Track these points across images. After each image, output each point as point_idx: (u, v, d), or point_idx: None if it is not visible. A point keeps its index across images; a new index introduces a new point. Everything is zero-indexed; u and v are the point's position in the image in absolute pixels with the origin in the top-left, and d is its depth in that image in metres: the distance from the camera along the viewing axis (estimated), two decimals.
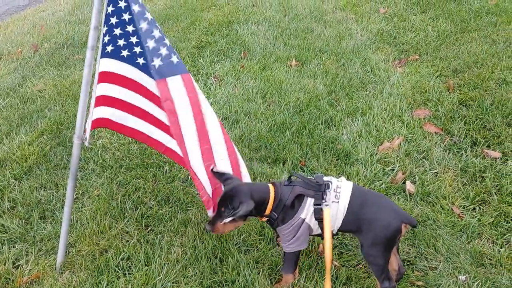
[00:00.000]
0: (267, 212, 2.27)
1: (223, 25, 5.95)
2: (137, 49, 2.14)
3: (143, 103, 2.29)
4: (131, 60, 2.18)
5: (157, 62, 2.08)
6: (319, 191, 2.21)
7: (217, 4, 6.82)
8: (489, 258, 2.63)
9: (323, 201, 2.20)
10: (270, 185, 2.30)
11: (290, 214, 2.26)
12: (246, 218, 2.32)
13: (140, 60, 2.16)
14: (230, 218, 2.16)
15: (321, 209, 2.19)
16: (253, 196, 2.20)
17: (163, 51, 2.08)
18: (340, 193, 2.21)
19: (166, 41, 2.11)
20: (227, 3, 6.84)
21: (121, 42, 2.15)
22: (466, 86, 4.23)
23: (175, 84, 2.12)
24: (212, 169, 2.32)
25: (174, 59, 2.12)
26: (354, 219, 2.21)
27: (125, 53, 2.17)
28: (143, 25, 2.06)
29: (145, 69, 2.18)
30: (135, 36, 2.09)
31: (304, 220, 2.25)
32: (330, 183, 2.23)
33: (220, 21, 6.06)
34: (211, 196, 2.33)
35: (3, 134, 3.87)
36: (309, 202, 2.24)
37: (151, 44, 2.06)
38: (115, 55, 2.19)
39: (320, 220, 2.23)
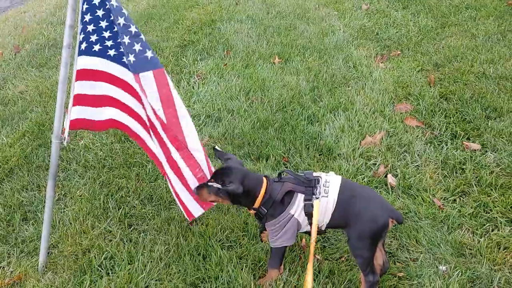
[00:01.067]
0: (256, 205, 2.29)
1: (206, 24, 5.95)
2: (109, 43, 2.17)
3: (119, 94, 2.33)
4: (102, 53, 2.21)
5: (131, 58, 2.08)
6: (309, 186, 2.24)
7: (200, 3, 6.81)
8: (469, 248, 2.67)
9: (314, 196, 2.21)
10: (264, 179, 2.32)
11: (279, 210, 2.28)
12: (234, 201, 2.33)
13: (111, 52, 2.18)
14: (216, 188, 2.23)
15: (312, 205, 2.21)
16: (244, 182, 2.23)
17: (137, 47, 2.08)
18: (329, 187, 2.23)
19: (142, 36, 2.12)
20: (210, 1, 6.83)
21: (93, 38, 2.17)
22: (446, 80, 4.29)
23: (147, 79, 2.12)
24: (214, 147, 2.47)
25: (149, 54, 2.12)
26: (343, 213, 2.22)
27: (96, 47, 2.22)
28: (121, 21, 2.07)
29: (117, 60, 2.21)
30: (108, 31, 2.11)
31: (293, 215, 2.27)
32: (319, 178, 2.26)
33: (203, 20, 6.06)
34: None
35: None
36: (300, 198, 2.26)
37: (126, 40, 2.06)
38: (88, 51, 2.21)
39: (309, 215, 2.24)
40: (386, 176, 3.22)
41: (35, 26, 6.44)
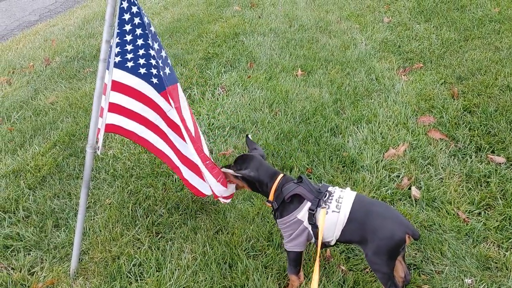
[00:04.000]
0: (270, 197, 2.40)
1: (229, 37, 6.06)
2: (142, 61, 2.27)
3: (145, 111, 2.46)
4: (134, 70, 2.33)
5: (167, 70, 2.20)
6: (317, 197, 2.28)
7: (223, 17, 6.94)
8: (495, 262, 2.67)
9: (319, 207, 2.26)
10: (280, 175, 2.44)
11: (287, 209, 2.35)
12: (252, 188, 2.51)
13: (142, 70, 2.30)
14: (234, 173, 2.46)
15: (314, 215, 2.26)
16: (258, 171, 2.44)
17: (159, 62, 2.22)
18: (342, 203, 2.26)
19: (163, 52, 2.27)
20: (233, 15, 6.96)
21: (129, 56, 2.28)
22: (470, 92, 4.28)
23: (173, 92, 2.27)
24: (247, 135, 2.73)
25: (167, 70, 2.25)
26: (357, 228, 2.23)
27: (130, 64, 2.32)
28: (155, 46, 2.21)
29: (146, 78, 2.33)
30: (143, 49, 2.21)
31: (301, 222, 2.31)
32: (331, 192, 2.30)
33: (226, 33, 6.17)
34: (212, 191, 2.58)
35: (17, 146, 3.98)
36: (307, 206, 2.30)
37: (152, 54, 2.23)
38: (121, 65, 2.32)
39: (313, 225, 2.28)
40: (410, 188, 3.23)
41: (64, 39, 6.66)
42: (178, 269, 2.68)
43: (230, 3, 7.55)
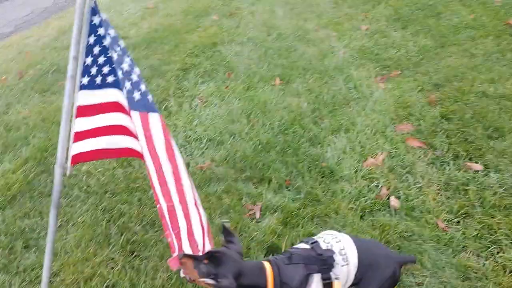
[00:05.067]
0: None
1: (207, 47, 6.02)
2: (106, 69, 2.15)
3: (121, 119, 2.30)
4: (103, 84, 2.20)
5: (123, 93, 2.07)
6: (325, 265, 1.97)
7: (201, 26, 6.90)
8: (474, 272, 2.64)
9: (333, 277, 1.97)
10: (266, 264, 1.95)
11: None
12: None
13: (109, 78, 2.16)
14: (205, 272, 1.83)
15: (330, 283, 1.97)
16: (242, 279, 1.85)
17: (128, 85, 2.07)
18: (347, 254, 2.05)
19: (133, 74, 2.11)
20: (211, 25, 6.92)
21: (93, 71, 2.17)
22: (447, 100, 4.30)
23: (135, 118, 2.07)
24: (223, 223, 2.14)
25: (136, 95, 2.09)
26: (359, 274, 2.09)
27: (98, 79, 2.20)
28: (114, 55, 2.07)
29: (116, 85, 2.17)
30: (107, 65, 2.11)
31: None
32: (333, 252, 2.02)
33: (204, 43, 6.13)
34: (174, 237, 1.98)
35: None
36: (316, 279, 1.96)
37: (120, 74, 2.06)
38: (91, 85, 2.20)
39: None
40: (388, 198, 3.20)
41: (38, 51, 6.53)
42: None
43: (208, 13, 7.51)
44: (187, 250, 1.90)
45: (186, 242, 1.96)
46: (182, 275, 1.90)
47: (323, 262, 1.96)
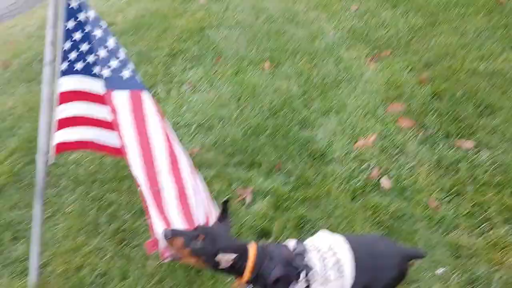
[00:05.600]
0: (245, 278, 1.86)
1: (195, 32, 5.91)
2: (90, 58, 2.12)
3: (98, 111, 2.27)
4: (86, 71, 2.16)
5: (105, 73, 2.01)
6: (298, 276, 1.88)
7: (188, 10, 6.77)
8: (466, 250, 2.64)
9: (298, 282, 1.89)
10: (251, 247, 1.91)
11: None
12: (217, 268, 1.85)
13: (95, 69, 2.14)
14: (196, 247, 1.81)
15: None
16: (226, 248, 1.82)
17: (114, 63, 2.02)
18: (343, 265, 1.92)
19: (121, 53, 2.05)
20: (199, 9, 6.80)
21: (72, 56, 2.12)
22: (437, 78, 4.26)
23: (120, 99, 2.00)
24: (225, 201, 1.97)
25: (126, 73, 2.03)
26: (364, 274, 1.97)
27: (78, 65, 2.16)
28: (97, 33, 2.02)
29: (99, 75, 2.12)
30: (93, 54, 2.05)
31: None
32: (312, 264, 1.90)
33: (192, 28, 6.02)
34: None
35: None
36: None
37: (102, 53, 2.01)
38: (70, 70, 2.16)
39: None
40: (380, 179, 3.18)
41: (23, 41, 6.39)
42: (144, 277, 2.57)
43: None
44: (178, 226, 1.89)
45: (179, 221, 1.94)
46: (165, 256, 1.88)
47: (297, 276, 1.87)
